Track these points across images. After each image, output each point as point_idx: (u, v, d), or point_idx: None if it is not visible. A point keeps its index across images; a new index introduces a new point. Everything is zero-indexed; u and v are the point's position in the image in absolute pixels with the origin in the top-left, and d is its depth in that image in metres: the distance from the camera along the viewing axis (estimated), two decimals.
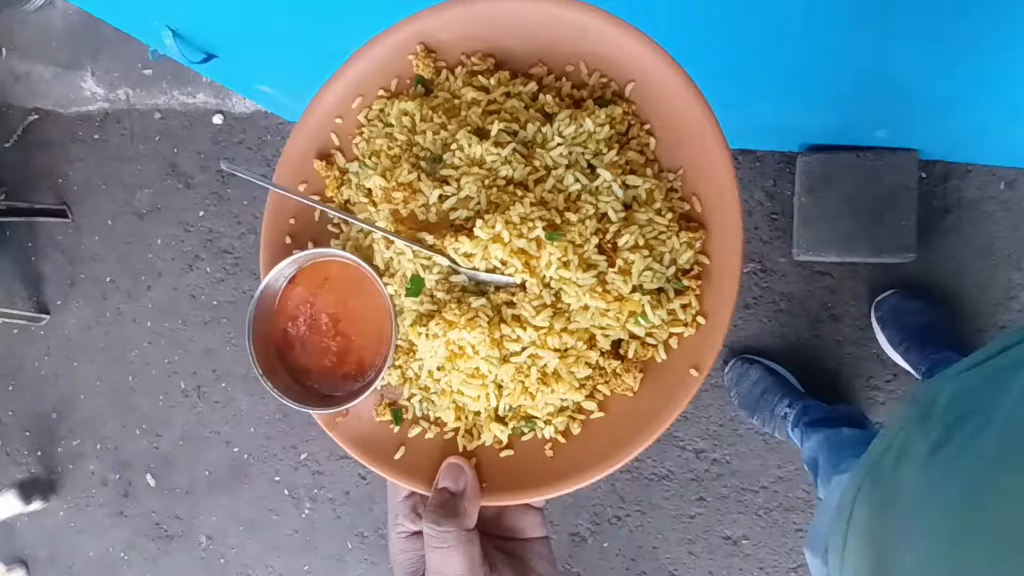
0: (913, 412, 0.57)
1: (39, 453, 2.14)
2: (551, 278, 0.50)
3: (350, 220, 0.53)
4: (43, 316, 2.09)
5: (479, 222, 0.49)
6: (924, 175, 1.51)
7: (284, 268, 0.52)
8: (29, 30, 2.05)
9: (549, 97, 0.54)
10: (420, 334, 0.51)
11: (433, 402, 0.53)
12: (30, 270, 2.11)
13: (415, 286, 0.51)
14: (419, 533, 0.49)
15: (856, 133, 1.44)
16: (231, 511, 1.99)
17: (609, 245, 0.50)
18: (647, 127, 0.53)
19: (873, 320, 1.54)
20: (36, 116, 2.09)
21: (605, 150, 0.52)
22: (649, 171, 0.52)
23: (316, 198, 0.57)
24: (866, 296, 1.56)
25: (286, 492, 1.95)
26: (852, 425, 1.33)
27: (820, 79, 1.18)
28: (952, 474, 0.46)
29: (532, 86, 0.55)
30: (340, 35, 1.13)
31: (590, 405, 0.51)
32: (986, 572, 0.38)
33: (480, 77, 0.55)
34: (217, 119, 1.93)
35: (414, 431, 0.53)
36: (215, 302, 1.97)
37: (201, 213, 1.97)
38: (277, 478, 1.95)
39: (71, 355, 2.10)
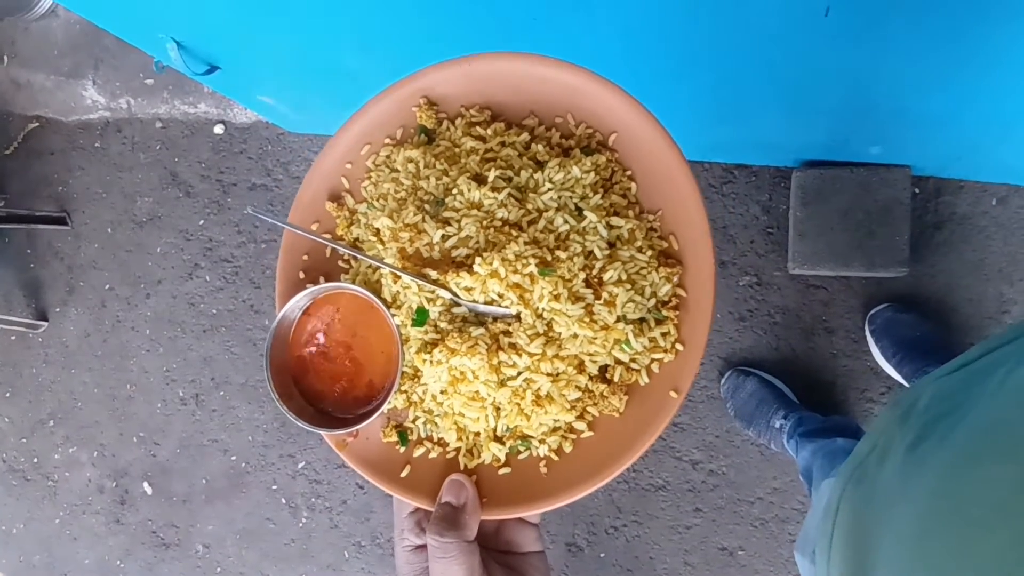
0: (895, 414, 0.59)
1: (35, 460, 2.14)
2: (543, 309, 0.54)
3: (360, 257, 0.57)
4: (41, 323, 2.10)
5: (478, 259, 0.54)
6: (917, 191, 1.53)
7: (299, 300, 0.56)
8: (31, 39, 2.07)
9: (540, 146, 0.59)
10: (425, 361, 0.54)
11: (436, 424, 0.57)
12: (29, 277, 2.12)
13: (420, 317, 0.55)
14: (424, 547, 0.51)
15: (850, 149, 1.46)
16: (228, 520, 2.00)
17: (595, 279, 0.55)
18: (629, 173, 0.58)
19: (867, 333, 1.55)
20: (37, 124, 2.10)
21: (591, 194, 0.57)
22: (631, 213, 0.57)
23: (328, 236, 0.61)
24: (860, 309, 1.58)
25: (283, 501, 1.95)
26: (846, 435, 1.34)
27: (814, 97, 1.19)
28: (925, 469, 0.48)
29: (525, 136, 0.60)
30: (341, 49, 1.15)
31: (580, 425, 0.55)
32: (955, 560, 0.39)
33: (478, 128, 0.60)
34: (218, 129, 1.94)
35: (419, 451, 0.57)
36: (214, 311, 1.98)
37: (201, 222, 1.98)
38: (274, 487, 1.96)
39: (69, 362, 2.10)
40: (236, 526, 1.99)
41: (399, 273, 0.55)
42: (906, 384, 1.49)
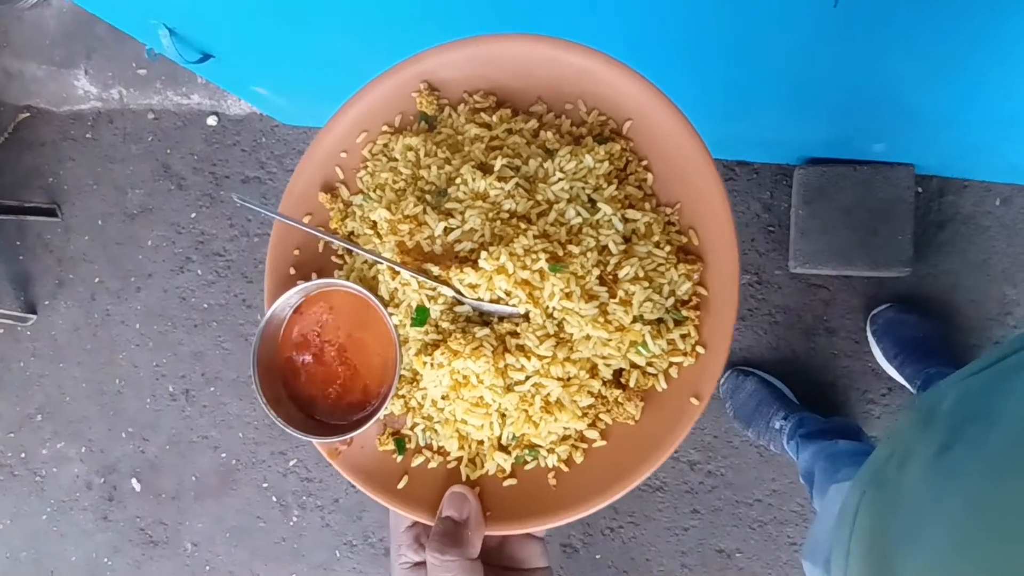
0: (915, 419, 0.57)
1: (23, 455, 2.11)
2: (554, 308, 0.50)
3: (357, 251, 0.53)
4: (30, 316, 2.06)
5: (484, 254, 0.50)
6: (920, 190, 1.51)
7: (289, 298, 0.52)
8: (23, 28, 2.03)
9: (550, 134, 0.55)
10: (425, 363, 0.51)
11: (436, 431, 0.53)
12: (18, 269, 2.08)
13: (420, 316, 0.52)
14: (422, 564, 0.48)
15: (853, 147, 1.44)
16: (218, 517, 1.97)
17: (610, 277, 0.51)
18: (645, 163, 0.54)
19: (868, 333, 1.54)
20: (28, 114, 2.06)
21: (605, 185, 0.53)
22: (647, 205, 0.53)
23: (321, 229, 0.57)
24: (861, 309, 1.56)
25: (274, 499, 1.92)
26: (847, 437, 1.33)
27: (818, 95, 1.18)
28: (958, 476, 0.46)
29: (533, 123, 0.56)
30: (337, 36, 1.12)
31: (592, 434, 0.51)
32: (995, 572, 0.37)
33: (482, 114, 0.57)
34: (211, 120, 1.91)
35: (417, 460, 0.53)
36: (205, 305, 1.95)
37: (193, 215, 1.94)
38: (265, 484, 1.93)
39: (58, 356, 2.07)
40: (226, 524, 1.97)
41: (398, 268, 0.51)
42: (907, 385, 1.48)
